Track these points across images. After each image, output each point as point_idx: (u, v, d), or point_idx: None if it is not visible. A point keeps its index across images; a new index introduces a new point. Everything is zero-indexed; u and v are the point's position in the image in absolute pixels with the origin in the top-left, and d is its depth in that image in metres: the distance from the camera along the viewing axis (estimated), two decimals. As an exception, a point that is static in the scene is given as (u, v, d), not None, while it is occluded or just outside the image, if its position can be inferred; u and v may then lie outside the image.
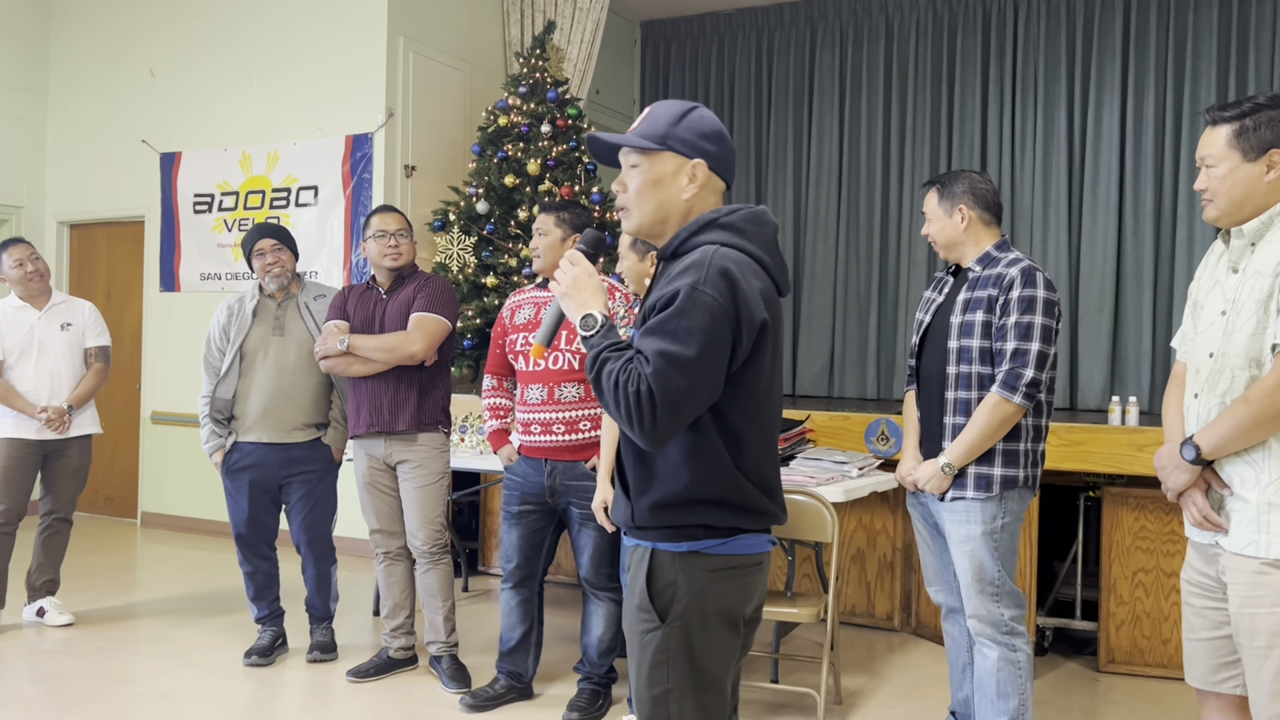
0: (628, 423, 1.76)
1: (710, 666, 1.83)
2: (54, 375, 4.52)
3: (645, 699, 1.84)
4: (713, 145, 1.91)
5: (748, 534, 1.87)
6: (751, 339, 1.80)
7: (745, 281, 1.79)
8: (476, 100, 6.85)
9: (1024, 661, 2.92)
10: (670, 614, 1.82)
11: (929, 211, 3.06)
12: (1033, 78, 7.42)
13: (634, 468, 1.88)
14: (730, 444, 1.83)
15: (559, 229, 3.54)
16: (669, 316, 1.75)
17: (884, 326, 7.88)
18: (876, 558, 4.80)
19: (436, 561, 3.85)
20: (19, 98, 7.39)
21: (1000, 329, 2.87)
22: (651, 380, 1.72)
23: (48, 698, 3.70)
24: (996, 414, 2.85)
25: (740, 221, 1.88)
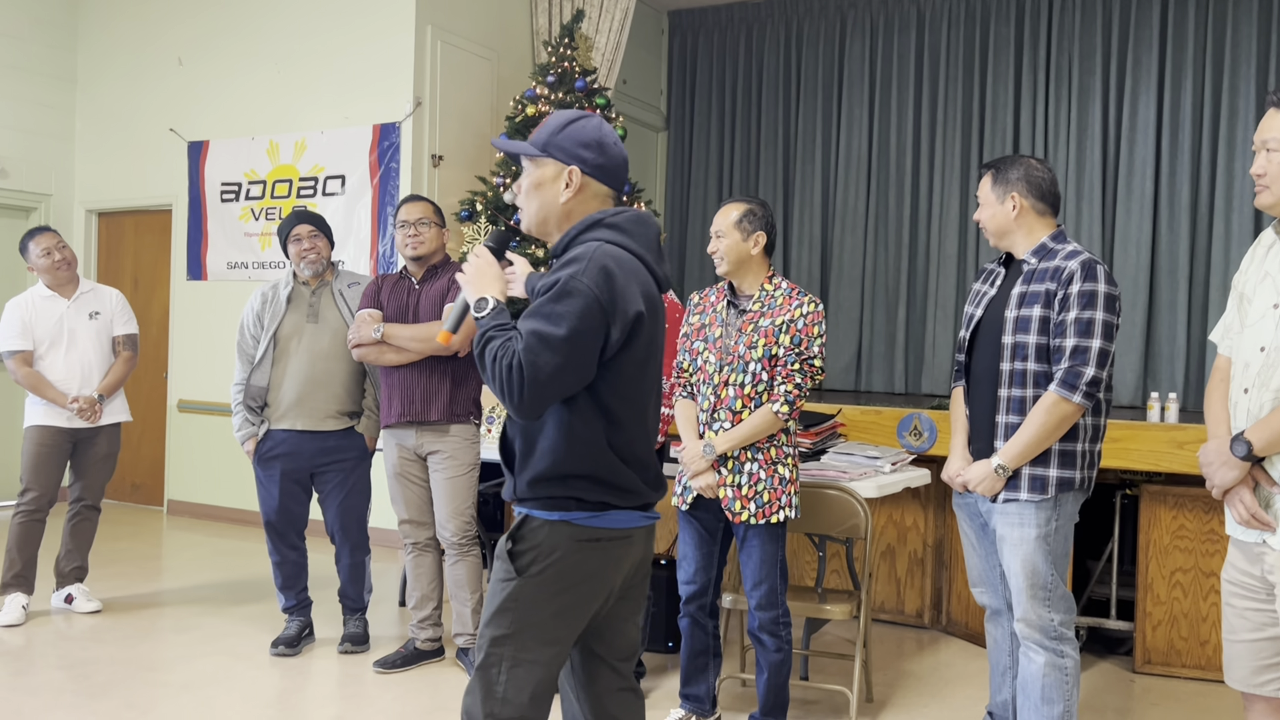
0: (502, 394, 1.93)
1: (553, 626, 1.99)
2: (84, 364, 4.52)
3: (485, 637, 2.01)
4: (590, 153, 2.06)
5: (618, 510, 2.02)
6: (625, 329, 1.96)
7: (623, 276, 1.96)
8: (504, 89, 6.81)
9: (1071, 668, 2.83)
10: (528, 571, 1.98)
11: (982, 196, 2.95)
12: (1067, 68, 7.32)
13: (518, 445, 2.05)
14: (606, 424, 2.00)
15: None
16: (545, 301, 1.93)
17: (913, 320, 7.80)
18: (907, 554, 4.74)
19: (466, 553, 3.82)
20: (48, 85, 7.41)
21: (1059, 325, 2.75)
22: (522, 356, 1.89)
23: (76, 685, 3.70)
24: (1054, 414, 2.73)
25: (625, 222, 2.05)
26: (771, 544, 3.12)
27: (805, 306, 3.08)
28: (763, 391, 3.06)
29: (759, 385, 3.06)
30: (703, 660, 3.35)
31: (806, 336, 3.06)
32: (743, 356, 3.07)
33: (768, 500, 3.08)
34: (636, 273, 2.01)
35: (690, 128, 8.80)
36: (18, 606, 4.43)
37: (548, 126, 2.08)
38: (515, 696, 1.98)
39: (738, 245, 3.14)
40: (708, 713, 3.36)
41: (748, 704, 3.61)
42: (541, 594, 1.98)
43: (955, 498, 3.08)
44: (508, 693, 1.98)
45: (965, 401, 3.01)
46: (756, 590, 3.15)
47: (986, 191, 2.93)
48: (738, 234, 3.14)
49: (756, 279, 3.17)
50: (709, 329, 3.18)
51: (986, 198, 2.93)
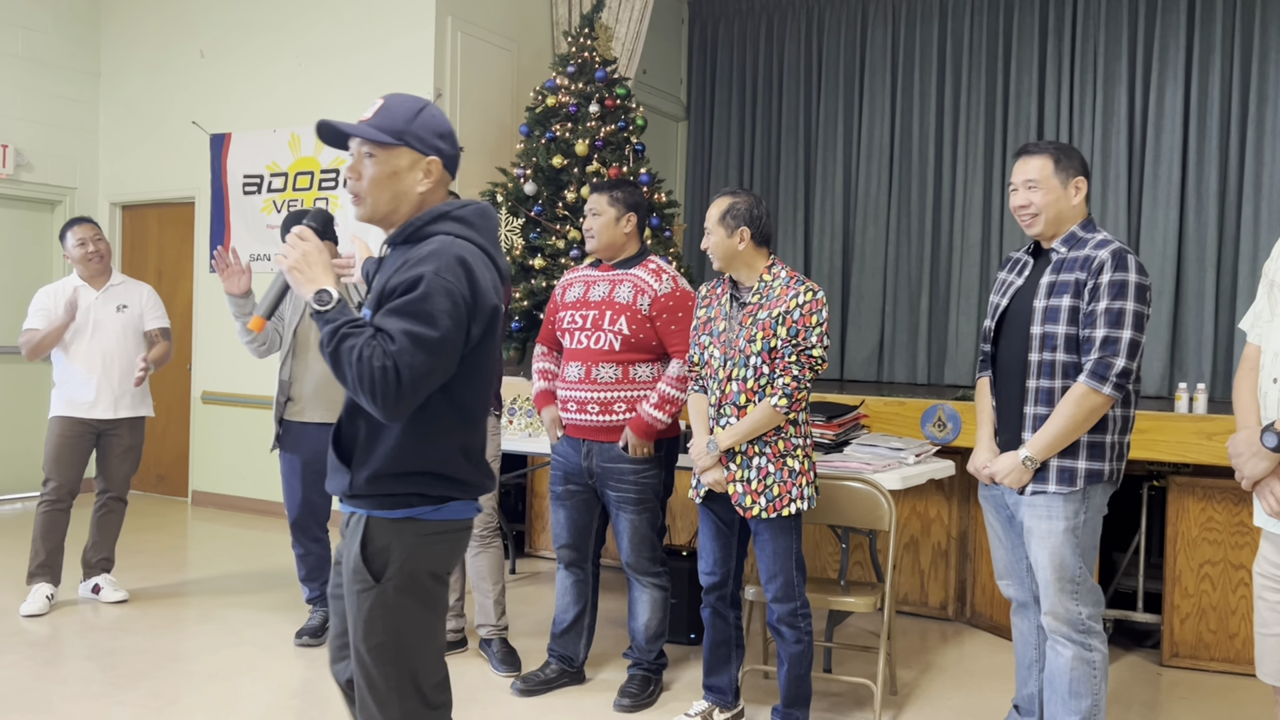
0: (370, 398, 1.86)
1: (422, 617, 2.00)
2: (105, 355, 4.55)
3: (364, 649, 1.97)
4: (446, 144, 2.06)
5: (459, 501, 2.03)
6: (484, 324, 1.96)
7: (479, 270, 1.95)
8: (524, 80, 6.80)
9: (1099, 661, 2.80)
10: (385, 575, 1.96)
11: (1038, 178, 2.80)
12: (1092, 55, 7.23)
13: (360, 441, 1.99)
14: (460, 419, 2.00)
15: (613, 208, 3.48)
16: (413, 300, 1.88)
17: (935, 310, 7.74)
18: (930, 546, 4.71)
19: (487, 545, 3.83)
20: (72, 79, 7.46)
21: (1089, 315, 2.70)
22: (397, 358, 1.84)
23: (104, 674, 3.73)
24: (1084, 405, 2.69)
25: (471, 215, 2.04)
26: (784, 537, 3.10)
27: (802, 296, 3.03)
28: (764, 385, 3.03)
29: (760, 379, 3.03)
30: (724, 651, 3.34)
31: (804, 327, 3.00)
32: (743, 350, 3.04)
33: (778, 494, 3.05)
34: (486, 265, 2.00)
35: (710, 117, 8.76)
36: (41, 596, 4.47)
37: (395, 112, 2.00)
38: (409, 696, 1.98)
39: (723, 241, 3.09)
40: (730, 704, 3.35)
41: (770, 696, 3.60)
42: (404, 594, 1.97)
43: (981, 489, 3.05)
44: (415, 694, 1.99)
45: (991, 392, 2.97)
46: (772, 583, 3.13)
47: (1047, 174, 2.79)
48: (722, 230, 3.09)
49: (754, 271, 3.12)
50: (714, 323, 3.16)
51: (1048, 182, 2.79)
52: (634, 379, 3.43)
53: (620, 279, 3.48)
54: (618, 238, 3.50)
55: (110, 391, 4.54)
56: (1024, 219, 2.86)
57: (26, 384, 7.20)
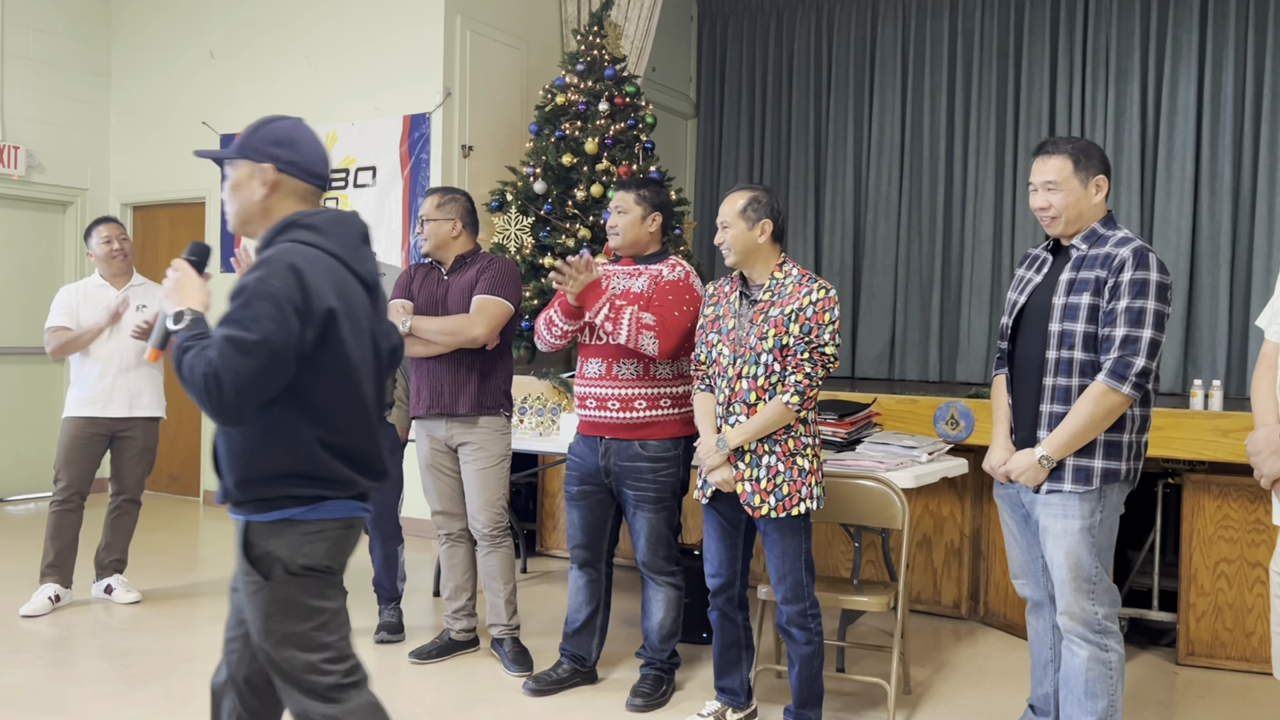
0: (203, 403, 1.95)
1: (317, 608, 2.09)
2: (123, 355, 4.56)
3: (268, 646, 2.07)
4: (281, 149, 2.11)
5: (334, 501, 2.09)
6: (319, 325, 2.00)
7: (312, 273, 2.00)
8: (534, 79, 6.79)
9: (1115, 662, 2.78)
10: (272, 574, 2.05)
11: (1058, 179, 2.77)
12: (1104, 49, 7.19)
13: (224, 447, 2.07)
14: (314, 422, 2.04)
15: (639, 206, 3.47)
16: (236, 307, 1.97)
17: (947, 307, 7.71)
18: (943, 544, 4.69)
19: (498, 544, 3.82)
20: (83, 80, 7.48)
21: (1109, 314, 2.67)
22: (219, 364, 1.91)
23: (117, 674, 3.74)
24: (1102, 404, 2.66)
25: (321, 223, 2.10)
26: (794, 537, 3.08)
27: (815, 294, 3.01)
28: (775, 383, 3.00)
29: (771, 377, 3.00)
30: (734, 653, 3.32)
31: (816, 324, 2.98)
32: (754, 348, 3.02)
33: (787, 493, 3.03)
34: (330, 271, 2.04)
35: (720, 115, 8.73)
36: (43, 598, 4.46)
37: (246, 130, 2.15)
38: (328, 673, 2.09)
39: (743, 235, 3.07)
40: (743, 705, 3.34)
41: (783, 695, 3.58)
42: (293, 590, 2.06)
43: (996, 488, 3.03)
44: (323, 672, 2.08)
45: (1008, 390, 2.95)
46: (782, 584, 3.11)
47: (1066, 174, 2.76)
48: (743, 223, 3.07)
49: (766, 267, 3.10)
50: (723, 320, 3.13)
51: (1067, 182, 2.77)
52: (655, 376, 3.41)
53: (639, 272, 3.47)
54: (642, 236, 3.49)
55: (126, 391, 4.56)
56: (1043, 220, 2.83)
57: (39, 385, 7.23)
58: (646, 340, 3.26)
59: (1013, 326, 2.93)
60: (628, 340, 3.27)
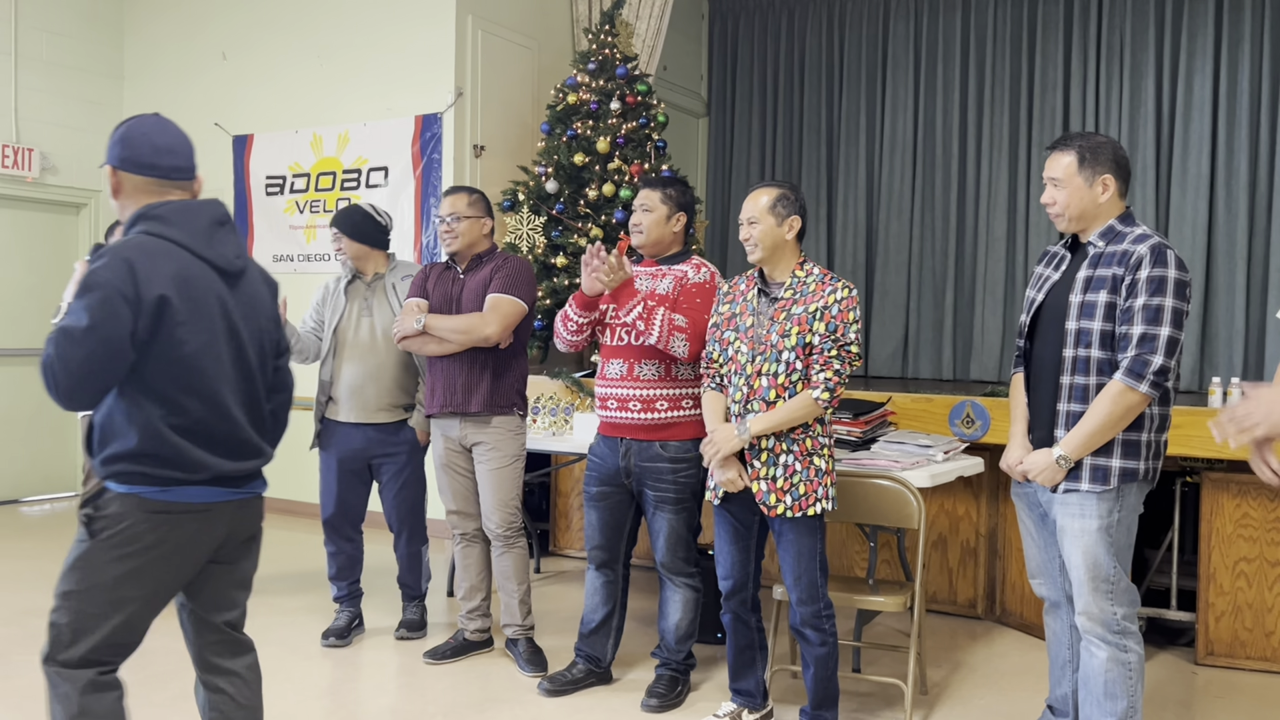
0: (48, 389, 2.07)
1: (117, 586, 2.16)
2: None
3: (57, 591, 2.18)
4: (117, 148, 2.23)
5: (188, 485, 2.17)
6: (151, 313, 2.08)
7: (147, 263, 2.08)
8: (545, 78, 6.78)
9: (1135, 663, 2.75)
10: (99, 536, 2.15)
11: (1062, 176, 2.77)
12: (1118, 45, 7.14)
13: (94, 429, 2.18)
14: (159, 405, 2.13)
15: (665, 205, 3.45)
16: (73, 299, 2.07)
17: (960, 305, 7.68)
18: (959, 543, 4.66)
19: (511, 544, 3.81)
20: (96, 82, 7.50)
21: (1126, 311, 2.65)
22: (55, 352, 2.04)
23: (132, 675, 3.70)
24: (1119, 403, 2.64)
25: (167, 213, 2.18)
26: (809, 538, 3.06)
27: (839, 292, 3.00)
28: (796, 380, 2.99)
29: (793, 374, 2.98)
30: (749, 655, 3.31)
31: (842, 323, 2.97)
32: (775, 345, 3.00)
33: (804, 493, 3.01)
34: (172, 259, 2.13)
35: (731, 113, 8.71)
36: None
37: None
38: (76, 645, 2.16)
39: (772, 231, 3.06)
40: (759, 706, 3.32)
41: (799, 695, 3.56)
42: (107, 558, 2.15)
43: (1014, 487, 3.01)
44: (71, 641, 2.16)
45: (1025, 388, 2.93)
46: (796, 585, 3.09)
47: (1071, 172, 2.75)
48: (771, 219, 3.05)
49: (788, 265, 3.09)
50: (739, 318, 3.11)
51: (1071, 180, 2.76)
52: (676, 376, 3.39)
53: (663, 274, 3.45)
54: (666, 235, 3.47)
55: None
56: (1050, 215, 2.84)
57: (54, 386, 7.25)
58: (678, 342, 3.25)
59: (1031, 324, 2.91)
60: (659, 341, 3.25)
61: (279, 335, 2.42)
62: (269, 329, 2.36)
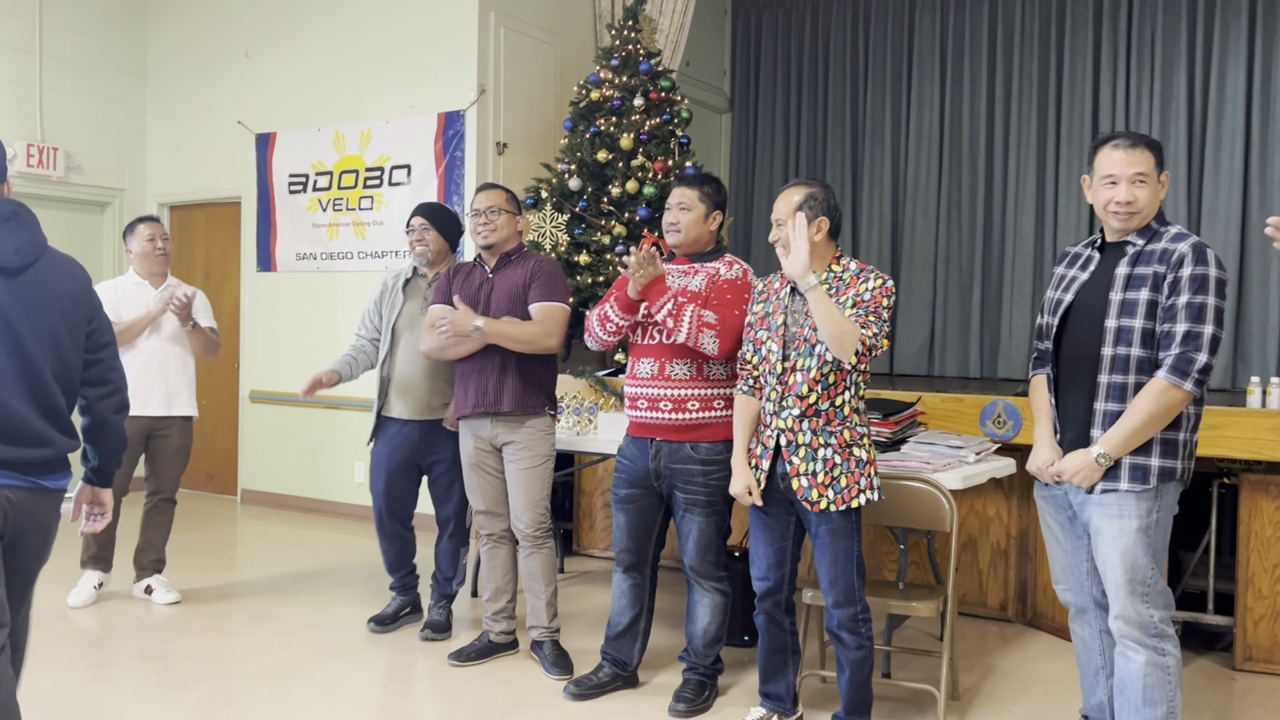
0: None
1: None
2: (162, 353, 4.56)
3: None
4: None
5: None
6: None
7: None
8: (568, 75, 6.74)
9: (1173, 666, 2.70)
10: None
11: (1148, 170, 2.70)
12: (1149, 37, 7.03)
13: None
14: None
15: (703, 204, 3.41)
16: None
17: (988, 303, 7.59)
18: (989, 545, 4.59)
19: (540, 545, 3.78)
20: (119, 81, 7.52)
21: (1169, 309, 2.63)
22: None
23: (158, 676, 3.73)
24: (1162, 401, 2.61)
25: None
26: (846, 539, 3.01)
27: (871, 281, 2.96)
28: (829, 374, 2.94)
29: (824, 368, 2.94)
30: (781, 658, 3.26)
31: (874, 304, 2.92)
32: (809, 340, 2.95)
33: (846, 485, 2.96)
34: None
35: (755, 109, 8.64)
36: (89, 587, 4.59)
37: None
38: None
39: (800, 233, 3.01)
40: (789, 711, 3.27)
41: (829, 701, 3.51)
42: None
43: (1039, 489, 2.96)
44: None
45: (1053, 389, 2.88)
46: (833, 588, 3.04)
47: (1152, 169, 2.71)
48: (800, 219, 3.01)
49: (822, 263, 3.04)
50: (772, 317, 3.07)
51: (1152, 178, 2.71)
52: (709, 376, 3.34)
53: (695, 270, 3.41)
54: (703, 234, 3.43)
55: (165, 389, 4.57)
56: (1121, 214, 2.72)
57: (79, 384, 7.27)
58: (707, 339, 3.20)
59: (1059, 325, 2.86)
60: (688, 338, 3.20)
61: (91, 329, 2.49)
62: (68, 323, 2.41)
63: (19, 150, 6.84)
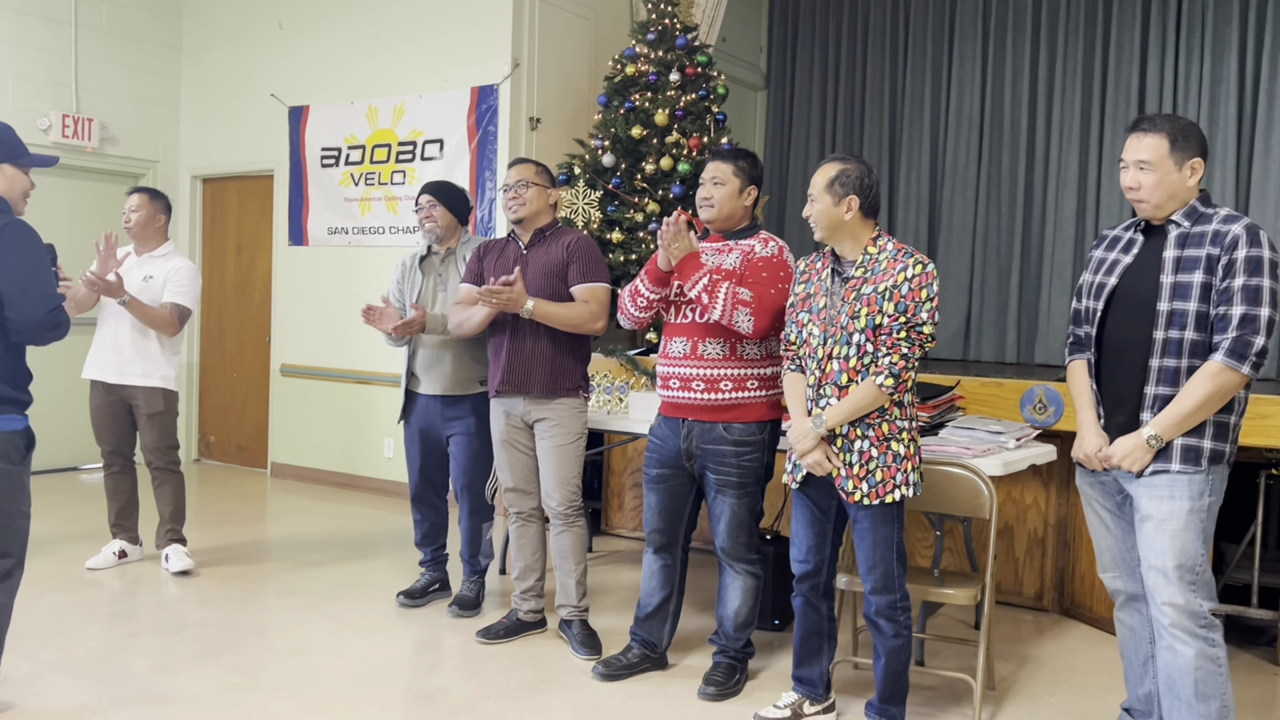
0: None
1: None
2: (116, 323, 4.55)
3: None
4: None
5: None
6: None
7: None
8: (603, 49, 6.65)
9: (1223, 658, 2.63)
10: None
11: (1153, 159, 2.67)
12: (1200, 17, 6.83)
13: None
14: None
15: (738, 179, 3.34)
16: None
17: (1026, 286, 7.44)
18: (1026, 533, 4.50)
19: (571, 524, 3.74)
20: (154, 53, 7.51)
21: (1224, 292, 2.58)
22: None
23: (187, 647, 3.73)
24: (1218, 384, 2.57)
25: None
26: (886, 525, 2.94)
27: (911, 269, 2.86)
28: (868, 364, 2.86)
29: (864, 357, 2.86)
30: (816, 643, 3.20)
31: (913, 302, 2.82)
32: (845, 327, 2.87)
33: (881, 479, 2.89)
34: None
35: (791, 86, 8.52)
36: (109, 553, 4.74)
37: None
38: None
39: (829, 210, 2.93)
40: (821, 697, 3.22)
41: (861, 688, 3.45)
42: None
43: (1083, 476, 2.88)
44: None
45: (1097, 374, 2.81)
46: (872, 574, 2.98)
47: (1161, 154, 2.66)
48: (829, 198, 2.93)
49: (858, 244, 2.96)
50: (814, 299, 2.99)
51: (1162, 164, 2.66)
52: (742, 356, 3.28)
53: (729, 248, 3.34)
54: (738, 209, 3.36)
55: (117, 358, 4.60)
56: (1130, 199, 2.73)
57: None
58: (741, 317, 3.13)
59: (1104, 309, 2.78)
60: (722, 316, 3.14)
61: None
62: None
63: (54, 121, 6.86)
